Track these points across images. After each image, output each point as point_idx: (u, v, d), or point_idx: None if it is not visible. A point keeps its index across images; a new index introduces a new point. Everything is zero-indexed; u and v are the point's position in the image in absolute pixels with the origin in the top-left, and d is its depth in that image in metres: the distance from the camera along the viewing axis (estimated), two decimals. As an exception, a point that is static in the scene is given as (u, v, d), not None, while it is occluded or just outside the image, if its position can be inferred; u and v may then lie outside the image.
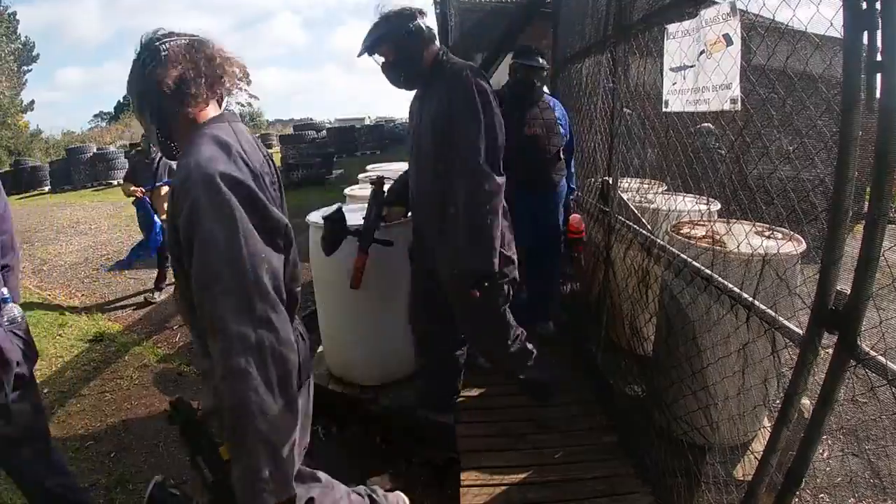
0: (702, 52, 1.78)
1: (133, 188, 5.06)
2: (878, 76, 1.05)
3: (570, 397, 2.82)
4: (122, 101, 35.65)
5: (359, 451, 2.82)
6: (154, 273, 5.49)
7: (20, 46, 26.37)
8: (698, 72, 1.82)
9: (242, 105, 1.55)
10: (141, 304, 5.31)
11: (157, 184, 5.09)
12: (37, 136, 26.73)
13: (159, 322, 4.87)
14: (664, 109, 2.09)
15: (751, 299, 1.57)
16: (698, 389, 2.05)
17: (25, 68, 26.92)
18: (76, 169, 15.74)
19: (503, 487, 2.21)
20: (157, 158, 5.09)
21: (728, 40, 1.62)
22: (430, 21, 2.31)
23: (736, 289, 1.67)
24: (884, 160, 1.05)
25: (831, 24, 1.14)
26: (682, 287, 2.09)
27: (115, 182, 15.58)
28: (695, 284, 1.91)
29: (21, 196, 14.89)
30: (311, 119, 26.22)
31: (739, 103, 1.62)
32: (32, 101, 27.06)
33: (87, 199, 13.09)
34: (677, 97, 1.97)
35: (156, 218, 5.04)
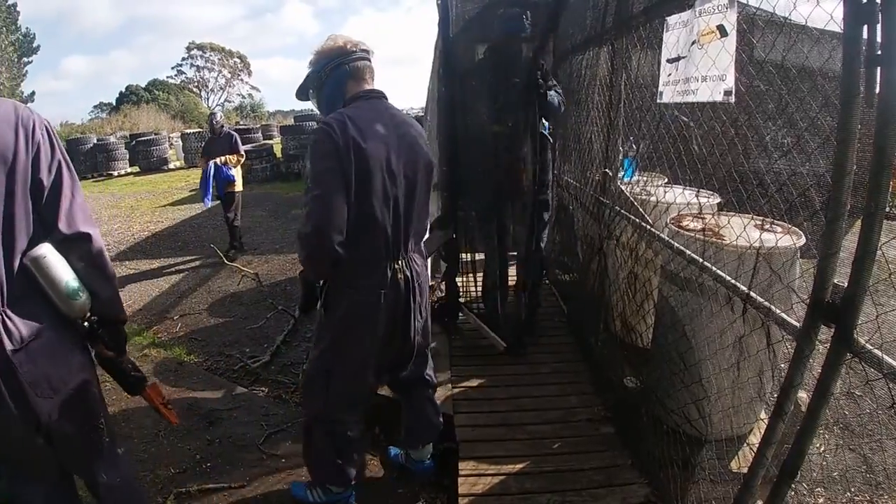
0: (693, 42, 1.76)
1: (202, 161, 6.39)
2: (878, 70, 1.05)
3: (569, 388, 2.84)
4: (123, 91, 35.44)
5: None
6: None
7: (20, 37, 26.28)
8: (688, 62, 1.80)
9: (243, 97, 1.55)
10: (139, 296, 5.35)
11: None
12: (37, 126, 26.66)
13: (159, 312, 4.89)
14: (658, 101, 2.07)
15: (748, 291, 1.57)
16: (693, 382, 2.06)
17: (26, 59, 26.86)
18: (76, 160, 15.69)
19: (501, 477, 2.22)
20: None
21: (722, 31, 1.60)
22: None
23: (733, 280, 1.67)
24: (882, 154, 1.05)
25: (831, 17, 1.13)
26: (680, 280, 2.09)
27: (115, 173, 15.55)
28: (692, 276, 1.91)
29: (21, 187, 14.79)
30: (312, 110, 26.19)
31: (734, 96, 1.61)
32: (33, 93, 27.13)
33: (88, 190, 13.06)
34: (670, 88, 1.96)
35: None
